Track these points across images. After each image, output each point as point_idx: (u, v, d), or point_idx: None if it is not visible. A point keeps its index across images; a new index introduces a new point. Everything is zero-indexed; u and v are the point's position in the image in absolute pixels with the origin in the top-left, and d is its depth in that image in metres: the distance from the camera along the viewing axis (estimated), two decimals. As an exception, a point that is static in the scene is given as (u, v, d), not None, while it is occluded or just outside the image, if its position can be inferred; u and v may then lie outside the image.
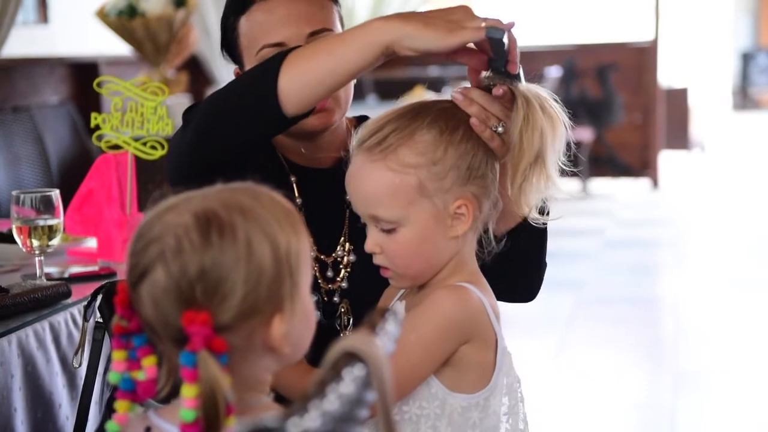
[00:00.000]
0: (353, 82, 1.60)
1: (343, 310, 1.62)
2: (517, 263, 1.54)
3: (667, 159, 9.37)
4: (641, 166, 8.74)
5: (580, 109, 8.37)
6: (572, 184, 8.51)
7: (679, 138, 9.88)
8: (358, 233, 1.60)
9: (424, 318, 1.30)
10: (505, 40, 1.32)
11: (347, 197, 1.62)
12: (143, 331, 1.03)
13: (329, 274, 1.65)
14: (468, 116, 1.35)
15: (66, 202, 2.25)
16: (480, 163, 1.34)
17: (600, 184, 8.68)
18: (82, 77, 5.24)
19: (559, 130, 1.35)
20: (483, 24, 1.32)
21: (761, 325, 4.62)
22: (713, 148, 11.12)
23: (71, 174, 4.56)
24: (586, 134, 8.08)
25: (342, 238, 1.65)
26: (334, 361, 0.83)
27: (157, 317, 1.00)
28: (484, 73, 1.38)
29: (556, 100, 1.38)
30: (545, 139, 1.33)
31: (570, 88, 8.30)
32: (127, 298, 1.02)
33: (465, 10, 1.35)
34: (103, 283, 1.60)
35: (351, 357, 0.84)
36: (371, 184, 1.33)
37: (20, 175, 4.38)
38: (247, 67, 1.63)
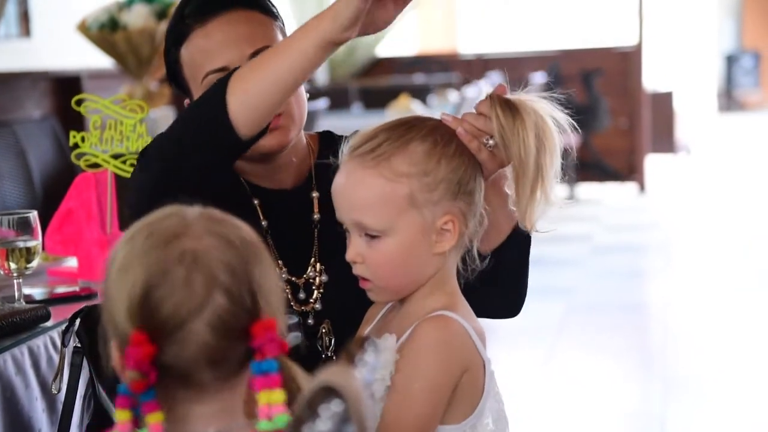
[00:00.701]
0: (305, 97, 1.60)
1: (324, 330, 1.59)
2: (501, 281, 1.52)
3: (653, 163, 9.37)
4: (628, 170, 8.74)
5: (566, 114, 8.34)
6: (559, 190, 8.49)
7: (665, 142, 9.89)
8: (328, 253, 1.58)
9: (420, 362, 1.28)
10: None
11: (315, 216, 1.62)
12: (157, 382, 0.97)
13: (301, 296, 1.62)
14: None
15: (50, 219, 2.23)
16: (469, 178, 1.34)
17: (587, 190, 8.68)
18: (65, 91, 5.20)
19: (551, 140, 1.35)
20: None
21: (751, 329, 4.61)
22: (699, 150, 11.13)
23: (55, 190, 4.51)
24: (571, 139, 8.05)
25: (312, 259, 1.63)
26: (309, 398, 0.80)
27: (219, 344, 0.97)
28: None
29: (561, 105, 1.39)
30: (540, 146, 1.33)
31: (555, 93, 8.28)
32: (151, 350, 0.96)
33: None
34: (81, 307, 1.57)
35: (327, 392, 0.81)
36: (362, 190, 1.32)
37: (2, 191, 4.34)
38: (196, 97, 1.59)
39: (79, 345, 1.58)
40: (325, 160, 1.56)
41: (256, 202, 1.62)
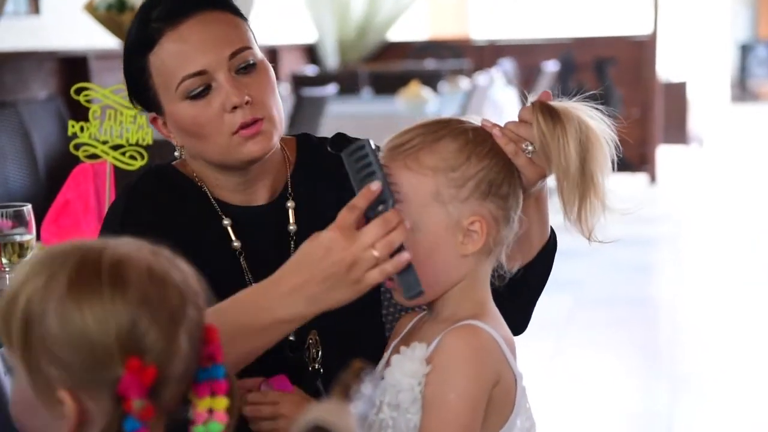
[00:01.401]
0: (279, 97, 1.54)
1: (311, 341, 1.52)
2: (519, 298, 1.48)
3: (665, 154, 9.29)
4: (639, 161, 8.66)
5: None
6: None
7: (678, 133, 9.80)
8: None
9: (451, 373, 1.23)
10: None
11: (290, 228, 1.55)
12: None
13: None
14: None
15: (52, 202, 2.18)
16: (503, 182, 1.30)
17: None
18: (72, 71, 5.15)
19: (599, 144, 1.31)
20: (375, 254, 1.23)
21: (762, 326, 4.54)
22: (712, 141, 11.04)
23: (59, 171, 4.47)
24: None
25: None
26: (301, 436, 0.74)
27: (191, 353, 0.96)
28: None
29: (600, 111, 1.33)
30: (585, 153, 1.29)
31: (567, 81, 8.22)
32: (154, 371, 0.92)
33: (347, 253, 1.24)
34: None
35: (319, 431, 0.76)
36: None
37: (6, 172, 4.29)
38: (167, 107, 1.51)
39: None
40: (304, 168, 1.53)
41: (226, 222, 1.54)
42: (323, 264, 1.23)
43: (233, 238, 1.53)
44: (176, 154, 1.57)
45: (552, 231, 1.50)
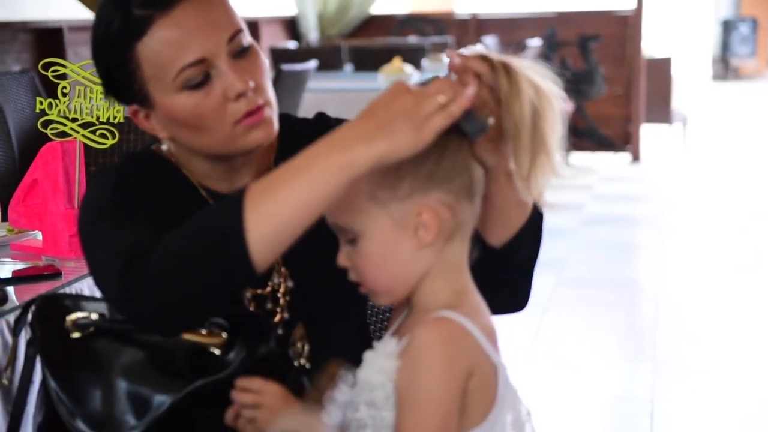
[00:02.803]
0: (262, 61, 1.44)
1: (298, 336, 1.46)
2: (511, 277, 1.42)
3: (648, 132, 9.26)
4: (622, 139, 8.62)
5: (561, 81, 8.21)
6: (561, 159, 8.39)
7: (661, 111, 9.75)
8: (293, 256, 1.45)
9: (420, 368, 1.17)
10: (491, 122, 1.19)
11: None
12: None
13: (269, 306, 1.49)
14: None
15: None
16: (446, 167, 1.21)
17: (580, 158, 8.57)
18: (47, 44, 5.05)
19: (548, 101, 1.22)
20: (440, 100, 1.15)
21: (745, 309, 4.51)
22: (694, 119, 11.02)
23: (33, 146, 4.36)
24: (566, 106, 7.94)
25: (276, 264, 1.49)
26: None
27: None
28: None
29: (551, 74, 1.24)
30: (537, 111, 1.20)
31: (551, 58, 8.15)
32: None
33: (410, 95, 1.16)
34: (34, 296, 1.45)
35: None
36: None
37: (-23, 147, 4.19)
38: (159, 100, 1.41)
39: (32, 336, 1.46)
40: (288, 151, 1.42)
41: None
42: (388, 106, 1.15)
43: None
44: (164, 147, 1.49)
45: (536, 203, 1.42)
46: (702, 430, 3.26)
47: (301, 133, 1.51)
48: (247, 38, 1.43)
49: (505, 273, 1.40)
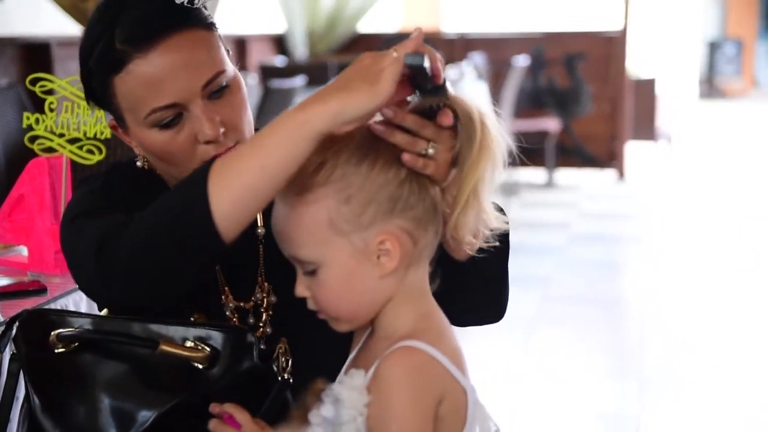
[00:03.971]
0: (249, 110, 1.44)
1: (281, 350, 1.46)
2: (481, 285, 1.42)
3: (633, 150, 9.29)
4: (608, 157, 8.65)
5: (547, 99, 8.26)
6: (538, 175, 8.42)
7: (646, 129, 9.80)
8: (276, 270, 1.45)
9: (389, 402, 1.16)
10: (426, 64, 1.18)
11: (259, 231, 1.48)
12: None
13: (251, 320, 1.49)
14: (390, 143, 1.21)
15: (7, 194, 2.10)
16: (408, 193, 1.19)
17: (566, 175, 8.59)
18: (34, 59, 5.04)
19: (499, 154, 1.21)
20: (395, 54, 1.17)
21: (730, 327, 4.53)
22: (680, 138, 11.07)
23: (19, 161, 4.35)
24: (552, 124, 7.98)
25: (259, 278, 1.49)
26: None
27: None
28: (410, 98, 1.23)
29: (495, 112, 1.24)
30: (490, 163, 1.20)
31: (538, 77, 8.19)
32: None
33: (370, 56, 1.18)
34: (19, 311, 1.44)
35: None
36: (283, 222, 1.21)
37: (-37, 162, 4.17)
38: (132, 128, 1.40)
39: (15, 352, 1.45)
40: None
41: None
42: (348, 71, 1.17)
43: None
44: (138, 164, 1.49)
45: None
46: (687, 448, 3.27)
47: None
48: (228, 74, 1.40)
49: (475, 285, 1.40)
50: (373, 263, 1.20)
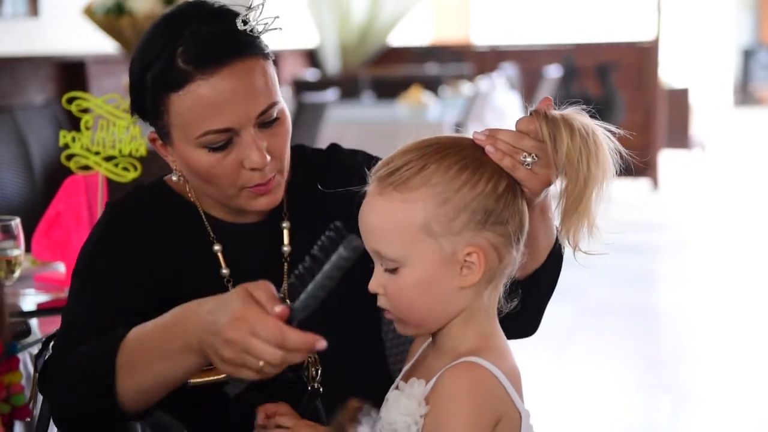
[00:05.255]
0: (287, 131, 1.46)
1: (310, 360, 1.47)
2: (528, 305, 1.42)
3: (667, 159, 9.23)
4: (642, 166, 8.60)
5: (580, 108, 8.22)
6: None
7: (680, 137, 9.75)
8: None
9: (447, 414, 1.17)
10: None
11: (284, 249, 1.50)
12: None
13: None
14: None
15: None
16: (503, 208, 1.22)
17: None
18: (69, 76, 5.10)
19: (602, 154, 1.25)
20: (261, 365, 1.19)
21: (765, 336, 4.48)
22: (714, 146, 10.99)
23: (56, 180, 4.41)
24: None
25: (281, 296, 1.52)
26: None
27: None
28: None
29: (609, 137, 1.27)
30: (591, 159, 1.23)
31: (570, 87, 8.17)
32: None
33: (242, 347, 1.19)
34: (56, 330, 1.47)
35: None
36: (375, 216, 1.23)
37: (1, 180, 4.23)
38: (178, 145, 1.42)
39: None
40: (301, 185, 1.47)
41: (216, 248, 1.49)
42: (227, 330, 1.19)
43: (222, 264, 1.48)
44: (174, 178, 1.51)
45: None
46: (724, 460, 3.25)
47: (314, 165, 1.55)
48: (279, 108, 1.43)
49: (525, 303, 1.40)
50: (455, 273, 1.21)
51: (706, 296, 5.26)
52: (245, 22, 1.40)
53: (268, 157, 1.40)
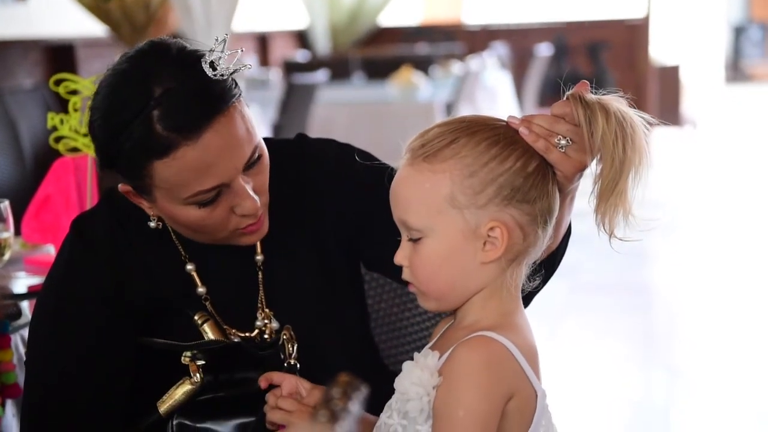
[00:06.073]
0: (267, 165, 1.40)
1: (285, 337, 1.46)
2: (545, 279, 1.44)
3: (659, 137, 9.24)
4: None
5: (571, 87, 8.23)
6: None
7: (671, 115, 9.76)
8: (276, 296, 1.47)
9: (460, 386, 1.17)
10: None
11: (257, 258, 1.47)
12: None
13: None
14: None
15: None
16: (530, 186, 1.22)
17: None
18: (58, 59, 5.08)
19: (638, 137, 1.24)
20: None
21: (761, 315, 4.50)
22: (706, 123, 10.99)
23: (46, 163, 4.39)
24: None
25: (259, 306, 1.48)
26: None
27: None
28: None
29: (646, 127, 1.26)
30: (626, 143, 1.22)
31: (561, 65, 8.16)
32: None
33: None
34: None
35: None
36: (403, 185, 1.24)
37: (-9, 163, 4.22)
38: (162, 204, 1.35)
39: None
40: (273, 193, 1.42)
41: (189, 268, 1.45)
42: None
43: (198, 283, 1.45)
44: (152, 224, 1.42)
45: None
46: (717, 435, 3.26)
47: (281, 164, 1.48)
48: (259, 146, 1.37)
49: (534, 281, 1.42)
50: (477, 247, 1.22)
51: (697, 273, 5.27)
52: (213, 67, 1.31)
53: (258, 200, 1.36)
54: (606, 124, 1.22)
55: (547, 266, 1.39)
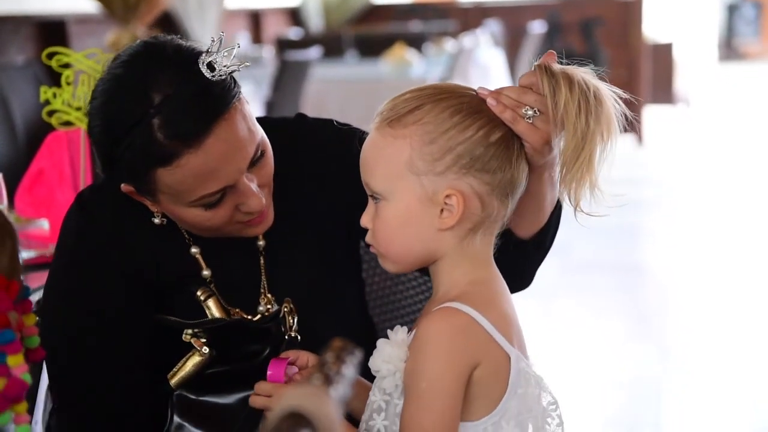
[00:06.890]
0: (271, 157, 1.38)
1: (286, 310, 1.46)
2: (537, 261, 1.45)
3: (652, 115, 9.24)
4: (626, 122, 8.61)
5: (564, 65, 8.22)
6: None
7: (664, 93, 9.75)
8: (278, 281, 1.47)
9: (423, 359, 1.18)
10: None
11: (259, 243, 1.46)
12: None
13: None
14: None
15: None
16: (491, 157, 1.21)
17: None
18: (50, 36, 5.05)
19: (606, 109, 1.24)
20: None
21: (752, 293, 4.52)
22: (699, 101, 10.99)
23: (38, 136, 4.37)
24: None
25: (261, 291, 1.47)
26: (275, 426, 0.69)
27: None
28: None
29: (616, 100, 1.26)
30: (591, 114, 1.22)
31: (554, 43, 8.15)
32: None
33: None
34: (40, 286, 1.47)
35: (296, 419, 0.70)
36: (368, 148, 1.26)
37: (-17, 139, 4.21)
38: (167, 205, 1.34)
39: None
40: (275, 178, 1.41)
41: (194, 250, 1.43)
42: None
43: (203, 266, 1.44)
44: (156, 221, 1.41)
45: None
46: (709, 413, 3.27)
47: (282, 145, 1.45)
48: (261, 141, 1.35)
49: (529, 261, 1.43)
50: (434, 214, 1.22)
51: (690, 251, 5.29)
52: (212, 68, 1.28)
53: (263, 197, 1.35)
54: (569, 93, 1.21)
55: (538, 243, 1.40)
